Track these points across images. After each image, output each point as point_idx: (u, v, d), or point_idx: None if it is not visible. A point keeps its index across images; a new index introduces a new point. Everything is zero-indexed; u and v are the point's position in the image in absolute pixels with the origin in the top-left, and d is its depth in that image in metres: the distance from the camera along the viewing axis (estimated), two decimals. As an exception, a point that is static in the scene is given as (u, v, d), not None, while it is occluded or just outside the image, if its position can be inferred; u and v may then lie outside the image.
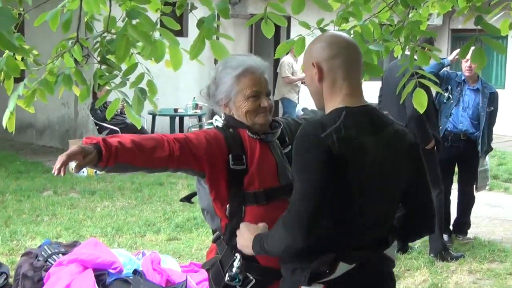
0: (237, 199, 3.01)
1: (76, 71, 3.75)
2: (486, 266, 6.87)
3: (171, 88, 13.53)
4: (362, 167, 2.65)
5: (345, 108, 2.70)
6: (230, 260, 3.03)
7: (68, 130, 13.84)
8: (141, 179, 10.86)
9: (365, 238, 2.75)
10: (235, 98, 3.06)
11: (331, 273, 2.70)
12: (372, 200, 2.72)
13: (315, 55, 2.76)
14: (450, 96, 7.51)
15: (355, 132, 2.65)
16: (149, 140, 2.91)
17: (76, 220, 8.31)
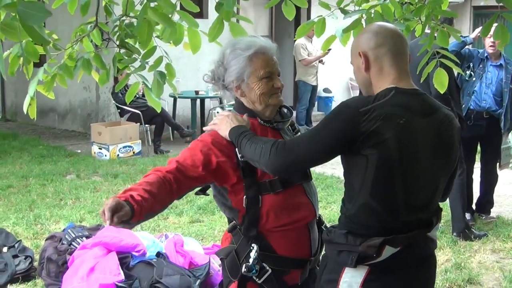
0: (252, 189, 2.99)
1: (95, 55, 3.75)
2: (509, 245, 6.84)
3: (191, 70, 13.51)
4: (407, 145, 2.71)
5: (395, 88, 2.77)
6: (246, 250, 3.01)
7: (90, 114, 13.89)
8: (163, 161, 10.86)
9: (412, 219, 2.78)
10: (248, 79, 3.04)
11: (377, 257, 2.74)
12: (421, 180, 2.77)
13: (361, 45, 2.86)
14: (472, 74, 7.46)
15: (402, 111, 2.72)
16: (153, 184, 2.89)
17: (99, 203, 8.35)
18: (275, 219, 3.00)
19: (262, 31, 15.46)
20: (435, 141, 2.79)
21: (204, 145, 3.02)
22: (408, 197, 2.74)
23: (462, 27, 18.94)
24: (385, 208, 2.74)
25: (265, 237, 3.02)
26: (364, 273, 2.77)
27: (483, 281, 5.93)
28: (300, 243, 3.10)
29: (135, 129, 11.83)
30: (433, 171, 2.80)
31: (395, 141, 2.67)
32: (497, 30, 3.88)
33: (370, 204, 2.74)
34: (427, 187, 2.81)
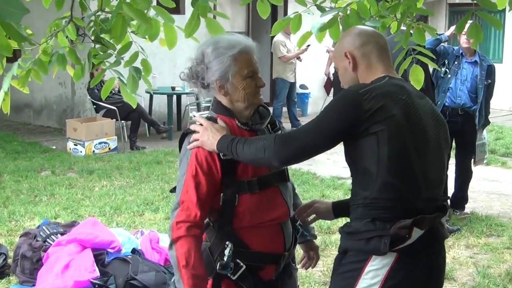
0: (230, 188, 2.99)
1: (70, 50, 3.73)
2: (483, 240, 6.91)
3: (168, 66, 13.48)
4: (414, 119, 2.81)
5: (387, 75, 2.90)
6: (220, 247, 3.01)
7: (66, 110, 13.81)
8: (139, 158, 10.88)
9: (431, 197, 2.88)
10: (233, 78, 3.02)
11: (408, 239, 2.76)
12: (432, 153, 2.89)
13: (346, 46, 2.96)
14: (447, 71, 7.51)
15: (400, 89, 2.84)
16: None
17: (74, 200, 8.32)
18: (250, 218, 3.01)
19: (239, 27, 15.45)
20: (433, 120, 2.93)
21: (198, 164, 2.99)
22: (424, 170, 2.82)
23: (438, 24, 19.03)
24: (406, 184, 2.78)
25: (239, 234, 3.03)
26: (392, 261, 2.79)
27: (457, 276, 5.97)
28: (274, 239, 3.11)
29: (111, 125, 11.78)
30: (438, 146, 2.93)
31: (402, 114, 2.76)
32: (471, 28, 3.90)
33: (390, 182, 2.77)
34: (437, 161, 2.93)
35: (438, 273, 3.00)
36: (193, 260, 2.89)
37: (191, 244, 2.90)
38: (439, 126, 2.97)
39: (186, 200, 2.95)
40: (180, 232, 2.92)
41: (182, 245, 2.91)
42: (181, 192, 2.98)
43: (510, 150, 11.78)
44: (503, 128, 14.02)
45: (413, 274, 2.84)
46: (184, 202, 2.96)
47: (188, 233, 2.91)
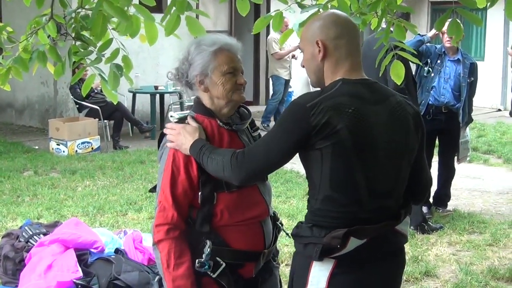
0: (208, 187, 3.01)
1: (50, 48, 3.71)
2: (465, 237, 6.94)
3: (151, 65, 13.46)
4: (359, 133, 2.72)
5: (342, 79, 2.81)
6: (199, 246, 3.02)
7: (48, 110, 13.74)
8: (122, 157, 10.85)
9: (377, 207, 2.80)
10: (212, 73, 3.04)
11: (342, 248, 2.75)
12: (380, 165, 2.80)
13: (320, 34, 2.86)
14: (431, 70, 7.53)
15: (350, 100, 2.74)
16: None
17: (57, 200, 8.28)
18: (228, 216, 3.03)
19: (221, 26, 15.44)
20: (389, 127, 2.82)
21: (173, 162, 3.02)
22: (369, 184, 2.76)
23: (420, 22, 19.11)
24: (348, 198, 2.76)
25: (218, 232, 3.04)
26: (331, 267, 2.79)
27: (440, 273, 6.00)
28: (253, 236, 3.12)
29: (93, 125, 11.74)
30: (391, 155, 2.82)
31: (346, 130, 2.68)
32: (451, 25, 3.92)
33: (332, 196, 2.77)
34: (387, 172, 2.83)
35: (390, 281, 2.98)
36: (173, 262, 2.94)
37: (170, 246, 2.96)
38: (398, 130, 2.86)
39: (163, 201, 3.00)
40: (159, 235, 2.98)
41: (163, 247, 2.97)
42: (159, 193, 3.03)
43: (492, 148, 11.85)
44: (485, 125, 14.10)
45: (358, 282, 2.83)
46: (161, 202, 3.00)
47: (167, 235, 2.96)
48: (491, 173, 10.13)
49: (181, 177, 2.99)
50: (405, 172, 2.92)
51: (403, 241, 2.97)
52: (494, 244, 6.76)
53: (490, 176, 9.93)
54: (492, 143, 12.26)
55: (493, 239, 6.86)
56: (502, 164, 10.88)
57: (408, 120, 2.88)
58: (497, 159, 11.20)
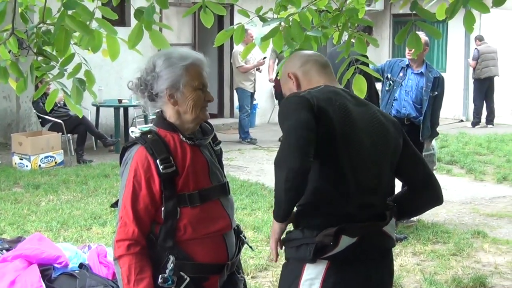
0: (171, 202, 3.00)
1: (12, 63, 3.69)
2: (429, 247, 7.00)
3: (114, 78, 13.40)
4: (347, 123, 2.85)
5: (324, 84, 2.98)
6: (162, 261, 3.01)
7: (11, 124, 13.61)
8: (86, 171, 10.77)
9: (364, 203, 2.87)
10: (183, 88, 3.04)
11: (335, 246, 2.81)
12: (365, 159, 2.89)
13: (289, 69, 3.10)
14: (392, 83, 7.61)
15: (335, 96, 2.90)
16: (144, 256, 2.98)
17: (20, 215, 8.19)
18: (192, 231, 3.03)
19: (185, 39, 15.45)
20: (370, 128, 2.95)
21: (134, 177, 3.00)
22: (356, 176, 2.85)
23: (382, 34, 19.31)
24: (336, 188, 2.83)
25: (181, 247, 3.03)
26: (324, 268, 2.85)
27: (404, 283, 6.04)
28: (216, 249, 3.12)
29: (57, 139, 11.65)
30: (373, 154, 2.93)
31: (335, 120, 2.81)
32: (410, 38, 3.98)
33: (320, 187, 2.84)
34: (372, 168, 2.93)
35: (380, 282, 3.03)
36: (133, 278, 2.93)
37: (131, 262, 2.94)
38: (381, 134, 2.98)
39: (124, 216, 2.99)
40: (120, 251, 2.97)
41: (124, 263, 2.96)
42: (120, 208, 3.02)
43: (454, 158, 11.99)
44: (447, 136, 14.26)
45: (349, 282, 2.89)
46: (122, 218, 2.99)
47: (128, 251, 2.95)
48: (454, 184, 10.24)
49: (142, 192, 2.98)
50: (388, 174, 3.03)
51: (391, 243, 3.05)
52: (458, 253, 6.83)
53: (453, 186, 10.03)
54: (455, 154, 12.41)
55: (456, 249, 6.93)
56: (464, 174, 11.01)
57: (387, 126, 3.03)
58: (460, 170, 11.34)
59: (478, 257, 6.75)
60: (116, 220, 3.05)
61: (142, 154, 3.01)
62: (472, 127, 16.67)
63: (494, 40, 17.27)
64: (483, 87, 16.73)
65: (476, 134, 15.09)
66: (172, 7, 14.49)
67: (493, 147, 13.31)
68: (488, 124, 16.80)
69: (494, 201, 9.25)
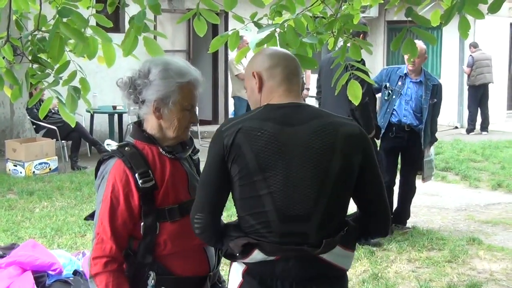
0: (151, 217, 2.93)
1: (7, 71, 3.67)
2: (425, 254, 7.00)
3: (109, 85, 13.35)
4: (267, 156, 2.71)
5: (266, 105, 2.84)
6: (142, 278, 2.95)
7: (4, 130, 13.58)
8: (80, 178, 10.75)
9: (286, 234, 2.75)
10: (172, 105, 2.95)
11: (242, 257, 2.79)
12: (291, 190, 2.72)
13: (255, 66, 2.91)
14: (390, 92, 7.58)
15: (261, 123, 2.75)
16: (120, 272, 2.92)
17: (14, 221, 8.17)
18: (172, 246, 2.97)
19: (180, 45, 15.45)
20: (307, 149, 2.74)
21: (112, 192, 2.91)
22: (278, 207, 2.72)
23: (377, 41, 19.35)
24: (257, 220, 2.76)
25: (161, 261, 2.97)
26: (242, 270, 2.85)
27: (400, 290, 6.04)
28: (197, 262, 3.07)
29: (51, 145, 11.63)
30: (307, 179, 2.74)
31: (252, 152, 2.70)
32: (405, 44, 3.98)
33: (244, 217, 2.80)
34: (302, 196, 2.73)
35: None
36: None
37: (108, 279, 2.85)
38: (321, 156, 2.75)
39: (101, 233, 2.89)
40: (96, 268, 2.87)
41: (101, 281, 2.86)
42: (97, 224, 2.92)
43: (449, 165, 12.00)
44: (442, 143, 14.26)
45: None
46: (99, 234, 2.90)
47: (105, 269, 2.86)
48: (449, 190, 10.26)
49: (120, 207, 2.89)
50: (331, 197, 2.77)
51: (329, 272, 2.84)
52: (453, 260, 6.83)
53: (448, 193, 10.05)
54: (450, 160, 12.43)
55: (451, 256, 6.93)
56: (459, 181, 11.03)
57: (334, 143, 2.76)
58: (455, 176, 11.35)
59: (473, 264, 6.75)
60: (92, 236, 2.95)
61: (120, 167, 2.92)
62: (467, 133, 16.72)
63: (489, 47, 17.34)
64: (478, 94, 16.77)
65: (470, 140, 15.12)
66: (166, 13, 14.50)
67: (488, 154, 13.34)
68: (483, 131, 16.84)
69: (489, 208, 9.26)
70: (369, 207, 2.92)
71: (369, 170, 2.86)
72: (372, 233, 3.09)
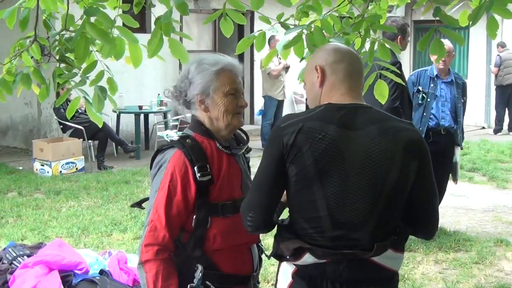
0: (203, 210, 2.96)
1: (34, 70, 3.69)
2: (451, 255, 6.94)
3: (134, 85, 13.43)
4: (325, 160, 2.65)
5: (327, 104, 2.77)
6: (190, 270, 2.97)
7: (32, 130, 13.69)
8: (107, 177, 10.80)
9: (338, 240, 2.72)
10: (214, 93, 3.00)
11: (293, 259, 2.76)
12: (346, 195, 2.68)
13: (319, 60, 2.85)
14: (425, 96, 7.41)
15: (322, 125, 2.68)
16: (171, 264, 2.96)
17: (41, 221, 8.23)
18: (221, 241, 2.99)
19: (206, 46, 15.47)
20: (366, 155, 2.69)
21: (171, 182, 2.95)
22: (332, 214, 2.68)
23: (403, 41, 19.19)
24: (310, 224, 2.73)
25: (209, 256, 3.00)
26: (292, 270, 2.82)
27: (426, 292, 6.00)
28: (243, 261, 3.10)
29: (78, 145, 11.70)
30: (363, 186, 2.69)
31: (311, 156, 2.65)
32: (433, 44, 3.93)
33: (297, 220, 2.77)
34: (357, 203, 2.69)
35: None
36: (160, 284, 2.88)
37: (159, 267, 2.89)
38: (374, 159, 2.69)
39: (155, 220, 2.92)
40: (148, 255, 2.90)
41: (150, 268, 2.89)
42: (151, 212, 2.95)
43: (476, 166, 11.90)
44: (469, 143, 14.14)
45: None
46: (152, 222, 2.93)
47: (156, 257, 2.90)
48: (476, 191, 10.17)
49: (177, 198, 2.93)
50: (386, 205, 2.73)
51: (379, 274, 2.81)
52: (480, 262, 6.77)
53: (475, 194, 9.96)
54: (477, 161, 12.33)
55: (479, 257, 6.87)
56: (486, 182, 10.93)
57: (392, 150, 2.70)
58: (482, 177, 11.25)
59: (501, 266, 6.69)
60: (145, 223, 2.97)
61: (180, 159, 2.96)
62: (494, 134, 16.57)
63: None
64: (505, 94, 16.63)
65: (498, 141, 14.99)
66: (192, 13, 14.51)
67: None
68: (510, 131, 16.71)
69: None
70: (420, 212, 2.88)
71: (424, 177, 2.82)
72: (418, 236, 3.08)
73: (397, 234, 2.82)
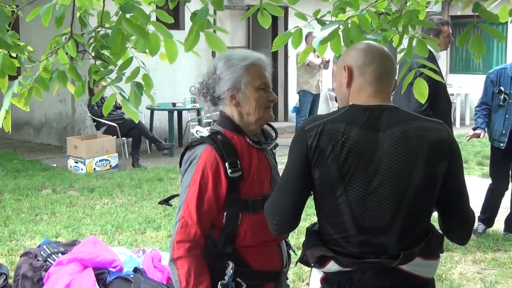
0: (234, 206, 2.95)
1: (70, 67, 3.69)
2: (490, 255, 6.84)
3: (168, 81, 13.46)
4: (347, 164, 2.63)
5: (352, 105, 2.74)
6: (221, 267, 2.96)
7: (66, 127, 13.77)
8: (140, 175, 10.83)
9: (363, 245, 2.68)
10: (245, 88, 3.01)
11: (317, 266, 2.76)
12: (370, 199, 2.65)
13: (348, 60, 2.81)
14: (507, 97, 7.08)
15: (346, 127, 2.65)
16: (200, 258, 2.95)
17: (75, 218, 8.27)
18: (252, 237, 2.99)
19: (239, 42, 15.45)
20: (391, 157, 2.64)
21: (202, 179, 2.94)
22: (355, 218, 2.65)
23: (439, 37, 19.01)
24: (335, 229, 2.71)
25: (240, 252, 2.99)
26: (320, 277, 2.80)
27: (464, 292, 5.92)
28: (272, 257, 3.10)
29: (111, 142, 11.75)
30: (388, 189, 2.64)
31: (334, 159, 2.62)
32: (472, 40, 3.85)
33: (324, 226, 2.75)
34: (381, 207, 2.65)
35: None
36: (193, 281, 2.87)
37: (191, 264, 2.88)
38: (407, 162, 2.64)
39: (186, 217, 2.92)
40: (179, 252, 2.89)
41: (182, 265, 2.89)
42: (182, 208, 2.94)
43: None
44: None
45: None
46: (184, 218, 2.92)
47: (188, 253, 2.89)
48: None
49: (208, 194, 2.92)
50: (412, 208, 2.67)
51: (408, 281, 2.73)
52: (519, 262, 6.65)
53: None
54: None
55: (517, 257, 6.75)
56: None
57: (417, 151, 2.64)
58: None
59: (540, 266, 6.57)
60: (176, 219, 2.96)
61: (212, 154, 2.96)
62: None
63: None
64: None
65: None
66: (226, 9, 14.50)
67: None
68: None
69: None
70: (452, 217, 2.82)
71: (454, 178, 2.75)
72: (453, 241, 3.02)
73: (427, 241, 2.76)
